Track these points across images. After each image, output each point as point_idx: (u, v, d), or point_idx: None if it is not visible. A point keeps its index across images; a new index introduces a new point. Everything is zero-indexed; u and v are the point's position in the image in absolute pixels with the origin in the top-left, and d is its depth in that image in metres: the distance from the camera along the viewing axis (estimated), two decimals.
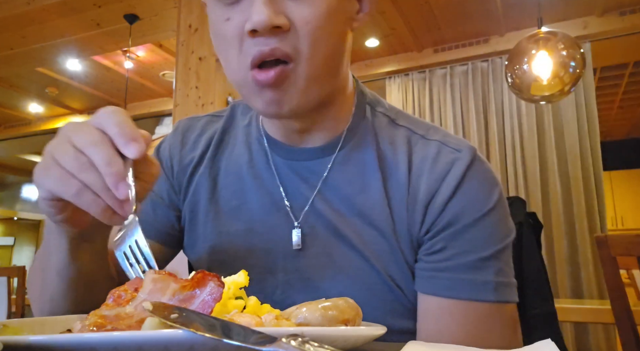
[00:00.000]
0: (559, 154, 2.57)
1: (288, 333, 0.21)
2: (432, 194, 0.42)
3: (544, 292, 0.72)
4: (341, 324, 0.28)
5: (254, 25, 0.37)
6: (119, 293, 0.25)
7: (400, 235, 0.43)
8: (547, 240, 2.50)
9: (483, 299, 0.40)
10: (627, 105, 3.89)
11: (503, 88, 2.72)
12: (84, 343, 0.21)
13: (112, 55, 3.10)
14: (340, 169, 0.45)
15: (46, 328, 0.31)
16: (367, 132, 0.46)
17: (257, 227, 0.46)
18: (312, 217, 0.44)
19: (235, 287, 0.30)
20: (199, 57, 2.08)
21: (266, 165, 0.47)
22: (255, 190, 0.47)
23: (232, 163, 0.49)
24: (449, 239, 0.41)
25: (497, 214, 0.42)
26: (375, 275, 0.42)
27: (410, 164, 0.44)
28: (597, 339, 2.37)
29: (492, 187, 0.43)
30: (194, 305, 0.24)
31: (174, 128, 0.55)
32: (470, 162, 0.43)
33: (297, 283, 0.44)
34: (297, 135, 0.46)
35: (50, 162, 0.31)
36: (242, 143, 0.50)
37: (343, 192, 0.44)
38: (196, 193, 0.49)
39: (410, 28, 2.67)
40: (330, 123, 0.46)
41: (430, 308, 0.41)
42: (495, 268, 0.41)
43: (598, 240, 0.93)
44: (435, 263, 0.41)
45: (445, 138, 0.45)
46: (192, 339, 0.21)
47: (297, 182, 0.46)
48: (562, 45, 1.76)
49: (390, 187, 0.44)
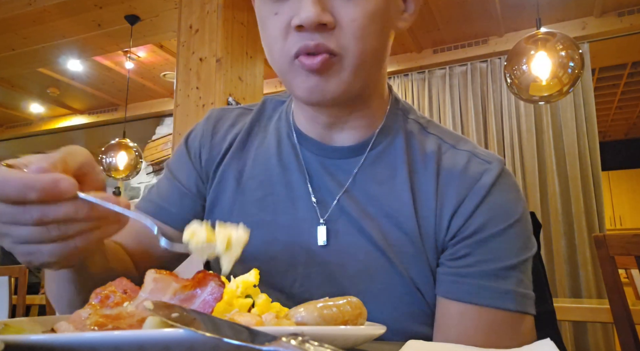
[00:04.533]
0: (558, 154, 2.57)
1: (288, 332, 0.21)
2: (460, 202, 0.43)
3: (543, 292, 0.72)
4: (341, 324, 0.28)
5: (301, 21, 0.38)
6: (107, 294, 0.25)
7: (426, 239, 0.43)
8: (546, 240, 2.50)
9: (504, 307, 0.40)
10: (625, 105, 3.89)
11: (502, 88, 2.73)
12: (85, 342, 0.21)
13: (113, 56, 3.09)
14: (369, 169, 0.46)
15: (48, 327, 0.31)
16: (398, 135, 0.47)
17: (281, 220, 0.46)
18: (338, 215, 0.44)
19: (244, 286, 0.30)
20: (199, 57, 2.08)
21: (295, 160, 0.47)
22: (283, 184, 0.47)
23: (261, 154, 0.49)
24: (474, 246, 0.41)
25: (522, 227, 0.43)
26: (398, 277, 0.43)
27: (439, 170, 0.44)
28: (595, 338, 2.37)
29: (518, 200, 0.44)
30: (195, 305, 0.25)
31: (207, 116, 0.54)
32: (499, 174, 0.44)
33: (317, 278, 0.44)
34: (329, 132, 0.46)
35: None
36: (272, 136, 0.50)
37: (371, 192, 0.45)
38: (222, 183, 0.49)
39: (409, 29, 2.67)
40: (362, 122, 0.46)
41: (451, 313, 0.41)
42: (516, 279, 0.41)
43: (596, 240, 0.94)
44: (459, 269, 0.42)
45: (475, 150, 0.46)
46: (192, 338, 0.21)
47: (326, 178, 0.46)
48: (560, 46, 1.76)
49: (418, 190, 0.44)
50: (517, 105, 2.68)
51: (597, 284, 2.38)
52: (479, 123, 2.77)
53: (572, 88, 1.80)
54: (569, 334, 2.39)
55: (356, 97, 0.43)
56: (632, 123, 4.35)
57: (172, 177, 0.52)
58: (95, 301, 0.25)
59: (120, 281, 0.26)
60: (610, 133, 4.60)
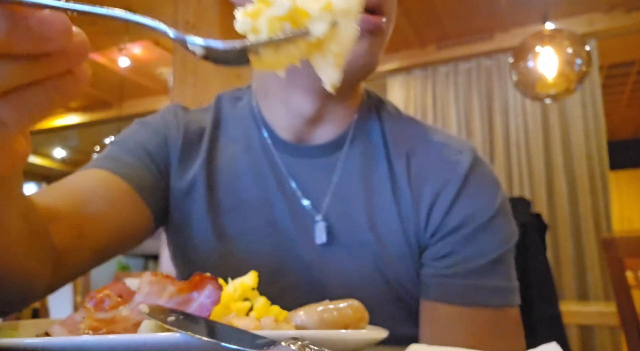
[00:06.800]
0: (565, 154, 2.54)
1: (288, 336, 0.21)
2: (436, 196, 0.42)
3: (549, 294, 0.71)
4: (342, 328, 0.27)
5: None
6: (102, 298, 0.25)
7: (407, 236, 0.42)
8: (553, 241, 2.47)
9: (493, 304, 0.39)
10: (634, 103, 3.83)
11: (508, 86, 2.70)
12: (79, 347, 0.21)
13: (108, 53, 3.08)
14: (349, 166, 0.44)
15: (42, 330, 0.30)
16: (374, 128, 0.46)
17: (257, 227, 0.45)
18: (327, 215, 0.43)
19: (242, 289, 0.29)
20: None
21: (269, 166, 0.45)
22: (257, 190, 0.46)
23: (229, 161, 0.47)
24: (456, 244, 0.40)
25: (502, 216, 0.42)
26: (383, 280, 0.42)
27: (410, 166, 0.43)
28: (603, 342, 2.34)
29: (496, 188, 0.43)
30: (192, 309, 0.24)
31: (166, 109, 0.50)
32: (473, 162, 0.43)
33: (305, 286, 0.43)
34: (310, 127, 0.45)
35: None
36: (239, 139, 0.47)
37: (354, 190, 0.44)
38: (191, 191, 0.46)
39: (412, 23, 2.64)
40: (343, 112, 0.45)
41: (439, 316, 0.40)
42: (502, 272, 0.41)
43: (604, 242, 0.92)
44: (444, 269, 0.41)
45: (447, 139, 0.45)
46: (189, 343, 0.20)
47: (308, 180, 0.45)
48: (567, 43, 1.74)
49: (397, 187, 0.43)
50: (523, 103, 2.65)
51: (605, 287, 2.35)
52: (484, 122, 2.74)
53: (579, 86, 1.78)
54: (576, 338, 2.37)
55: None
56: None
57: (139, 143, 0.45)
58: (90, 304, 0.25)
59: (115, 285, 0.26)
60: (618, 132, 4.53)
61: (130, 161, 0.44)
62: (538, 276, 0.67)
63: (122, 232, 0.41)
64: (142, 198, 0.43)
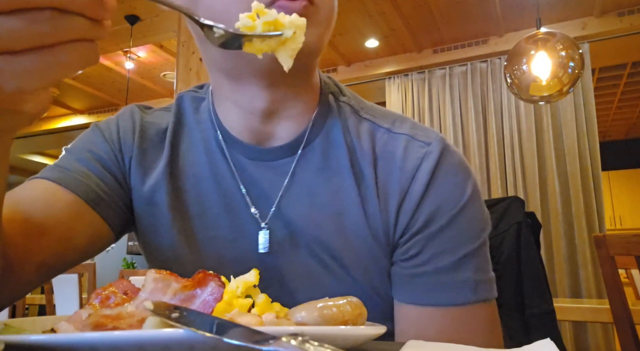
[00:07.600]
0: (558, 154, 2.57)
1: (288, 332, 0.21)
2: (403, 194, 0.39)
3: (543, 291, 0.72)
4: (341, 324, 0.28)
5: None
6: (107, 295, 0.25)
7: (376, 237, 0.40)
8: (546, 240, 2.50)
9: (463, 302, 0.37)
10: (625, 105, 3.89)
11: (502, 88, 2.73)
12: (85, 342, 0.21)
13: (113, 56, 3.10)
14: (310, 166, 0.41)
15: (48, 327, 0.31)
16: (335, 124, 0.42)
17: (223, 234, 0.42)
18: (278, 221, 0.41)
19: (244, 286, 0.29)
20: (199, 57, 2.08)
21: (228, 169, 0.43)
22: (218, 196, 0.43)
23: (191, 166, 0.44)
24: (425, 242, 0.38)
25: (473, 207, 0.39)
26: (351, 281, 0.39)
27: (375, 161, 0.41)
28: (595, 338, 2.37)
29: (466, 179, 0.40)
30: (195, 305, 0.25)
31: (123, 111, 0.48)
32: (441, 155, 0.40)
33: (267, 289, 0.41)
34: (265, 125, 0.41)
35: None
36: (199, 143, 0.45)
37: (315, 191, 0.41)
38: (154, 197, 0.43)
39: (409, 29, 2.68)
40: (300, 108, 0.42)
41: (409, 316, 0.39)
42: (474, 266, 0.38)
43: (596, 240, 0.94)
44: (412, 269, 0.39)
45: (412, 131, 0.42)
46: (192, 338, 0.21)
47: (263, 184, 0.42)
48: (560, 46, 1.76)
49: (362, 186, 0.40)
50: (517, 105, 2.68)
51: (597, 284, 2.38)
52: (479, 124, 2.77)
53: (572, 89, 1.80)
54: (569, 334, 2.40)
55: (312, 65, 0.39)
56: (632, 124, 4.35)
57: (89, 154, 0.43)
58: (96, 301, 0.25)
59: (120, 282, 0.26)
60: (610, 134, 4.60)
61: (80, 170, 0.42)
62: (532, 274, 0.68)
63: (72, 244, 0.39)
64: (92, 208, 0.40)
